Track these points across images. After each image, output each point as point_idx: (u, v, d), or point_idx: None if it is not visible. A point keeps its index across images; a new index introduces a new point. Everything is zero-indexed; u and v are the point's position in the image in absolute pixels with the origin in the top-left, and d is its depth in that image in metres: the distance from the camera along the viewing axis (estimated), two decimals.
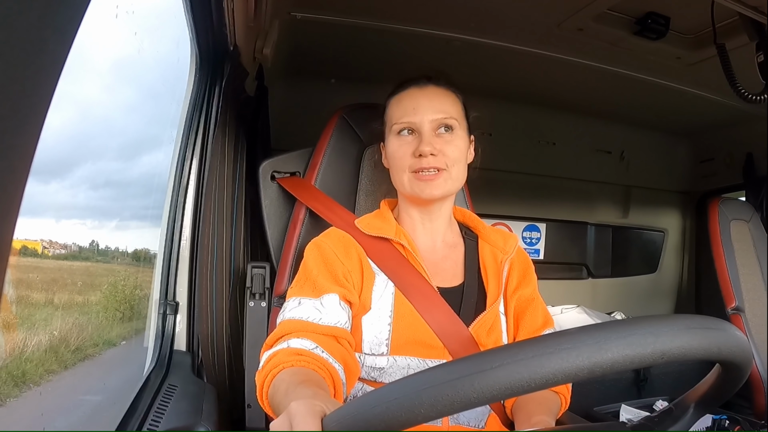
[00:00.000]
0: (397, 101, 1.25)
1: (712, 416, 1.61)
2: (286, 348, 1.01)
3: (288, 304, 1.12)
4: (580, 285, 2.98)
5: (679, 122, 2.76)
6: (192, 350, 1.41)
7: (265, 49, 1.59)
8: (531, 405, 1.10)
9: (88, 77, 1.10)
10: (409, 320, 1.14)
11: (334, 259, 1.16)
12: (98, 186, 1.36)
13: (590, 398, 2.09)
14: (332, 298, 1.10)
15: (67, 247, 1.27)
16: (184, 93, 1.46)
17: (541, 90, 2.38)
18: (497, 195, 2.59)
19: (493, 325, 1.19)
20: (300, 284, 1.15)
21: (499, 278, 1.23)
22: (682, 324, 0.55)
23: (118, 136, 1.41)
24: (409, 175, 1.19)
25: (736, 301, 2.23)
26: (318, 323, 1.06)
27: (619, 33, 1.72)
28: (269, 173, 1.55)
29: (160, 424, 1.04)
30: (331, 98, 1.76)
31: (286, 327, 1.07)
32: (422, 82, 1.24)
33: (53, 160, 1.08)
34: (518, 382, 0.51)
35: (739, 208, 2.42)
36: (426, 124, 1.18)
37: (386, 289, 1.17)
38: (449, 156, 1.17)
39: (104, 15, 0.99)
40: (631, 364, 0.53)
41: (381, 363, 1.13)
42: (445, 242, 1.27)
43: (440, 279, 1.21)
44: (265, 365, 0.99)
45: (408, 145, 1.19)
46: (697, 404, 0.71)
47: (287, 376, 0.93)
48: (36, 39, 0.36)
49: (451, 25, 1.78)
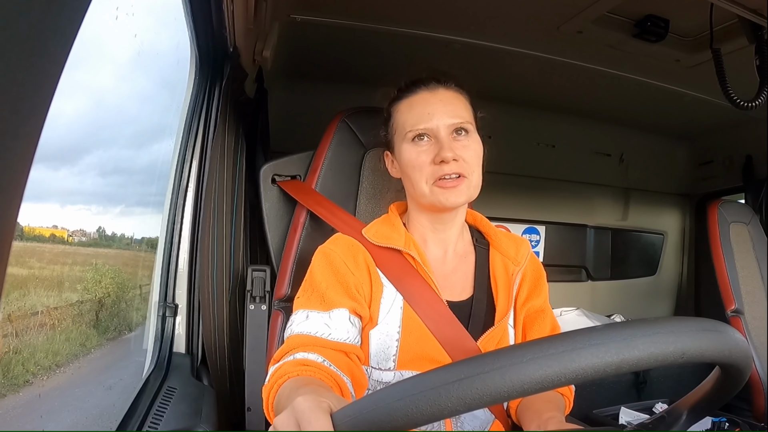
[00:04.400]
0: (407, 106, 1.19)
1: (711, 419, 1.61)
2: (291, 360, 1.00)
3: (295, 318, 1.10)
4: (579, 287, 2.97)
5: (678, 125, 2.75)
6: (191, 352, 1.41)
7: (264, 52, 1.60)
8: (540, 403, 1.08)
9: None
10: (417, 335, 1.12)
11: (345, 271, 1.13)
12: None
13: (589, 401, 2.09)
14: (342, 313, 1.08)
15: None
16: (183, 94, 1.47)
17: (541, 92, 2.38)
18: (496, 197, 2.59)
19: (501, 339, 1.17)
20: (307, 295, 1.12)
21: (509, 291, 1.20)
22: (698, 326, 0.56)
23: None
24: (431, 186, 1.13)
25: (735, 303, 2.23)
26: (327, 338, 1.04)
27: (619, 36, 1.72)
28: (270, 176, 1.55)
29: (159, 426, 1.04)
30: (331, 101, 1.76)
31: (294, 342, 1.04)
32: (432, 85, 1.19)
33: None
34: (549, 376, 0.51)
35: (739, 210, 2.43)
36: (442, 129, 1.13)
37: (395, 303, 1.14)
38: (468, 162, 1.12)
39: (104, 17, 0.99)
40: (654, 362, 0.53)
41: (387, 377, 1.11)
42: (456, 252, 1.24)
43: (449, 292, 1.18)
44: (271, 378, 0.97)
45: (426, 153, 1.13)
46: (696, 407, 0.71)
47: (291, 384, 0.92)
48: (36, 40, 0.36)
49: (451, 27, 1.78)
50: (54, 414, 1.14)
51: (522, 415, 1.11)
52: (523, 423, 1.09)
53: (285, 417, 0.62)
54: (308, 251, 1.44)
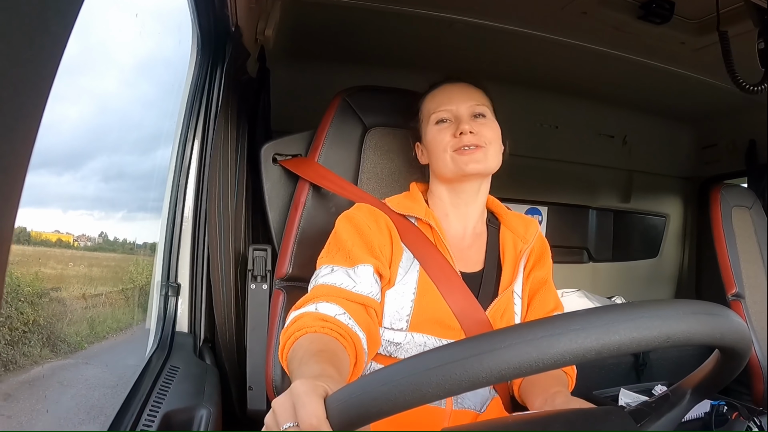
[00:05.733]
0: (431, 97, 1.31)
1: (710, 402, 1.62)
2: (313, 312, 1.03)
3: (321, 271, 1.14)
4: (580, 269, 2.98)
5: (682, 108, 2.74)
6: (194, 332, 1.42)
7: (267, 31, 1.58)
8: (546, 380, 1.11)
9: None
10: (430, 299, 1.17)
11: (369, 231, 1.19)
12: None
13: (590, 382, 2.10)
14: (367, 269, 1.13)
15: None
16: (185, 75, 1.46)
17: (544, 73, 2.36)
18: (499, 178, 2.53)
19: (506, 309, 1.23)
20: (332, 253, 1.17)
21: (515, 266, 1.27)
22: (688, 309, 0.56)
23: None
24: (451, 154, 1.22)
25: (736, 287, 2.23)
26: (351, 290, 1.09)
27: (623, 17, 1.71)
28: (271, 155, 1.55)
29: (162, 405, 1.06)
30: (333, 80, 1.75)
31: (318, 291, 1.09)
32: (454, 80, 1.32)
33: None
34: (527, 362, 0.52)
35: (741, 194, 2.42)
36: (463, 109, 1.25)
37: (412, 267, 1.20)
38: (486, 135, 1.23)
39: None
40: (637, 347, 0.54)
41: (399, 338, 1.16)
42: (474, 231, 1.31)
43: (463, 264, 1.24)
44: (290, 326, 1.01)
45: (447, 130, 1.24)
46: (696, 390, 0.71)
47: (306, 343, 0.95)
48: (37, 21, 0.36)
49: (454, 7, 1.77)
50: (127, 350, 1.55)
51: (527, 391, 1.15)
52: (527, 399, 1.13)
53: (283, 399, 0.67)
54: (309, 230, 1.44)
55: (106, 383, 1.38)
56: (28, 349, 1.19)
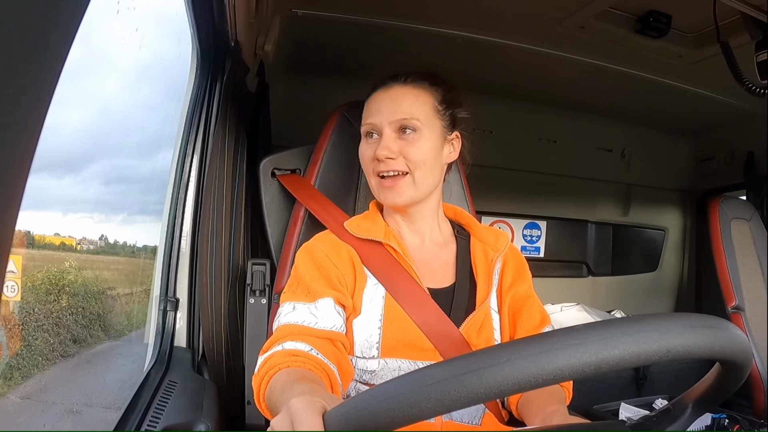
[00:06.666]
0: (366, 104, 1.23)
1: (711, 415, 1.61)
2: (281, 350, 1.01)
3: (282, 309, 1.12)
4: (580, 283, 2.97)
5: (680, 121, 2.75)
6: (192, 347, 1.41)
7: (266, 46, 1.60)
8: (543, 396, 1.09)
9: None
10: (399, 323, 1.14)
11: (327, 263, 1.16)
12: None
13: (590, 396, 2.09)
14: (327, 302, 1.10)
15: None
16: (185, 89, 1.47)
17: (543, 87, 2.37)
18: (498, 192, 2.59)
19: (483, 324, 1.18)
20: (293, 289, 1.15)
21: (489, 276, 1.22)
22: (687, 322, 0.55)
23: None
24: (375, 179, 1.18)
25: (736, 300, 2.23)
26: (313, 327, 1.06)
27: (621, 31, 1.72)
28: (270, 170, 1.55)
29: (160, 421, 1.05)
30: (332, 95, 1.76)
31: (282, 332, 1.06)
32: (387, 83, 1.22)
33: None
34: (526, 378, 0.51)
35: (740, 207, 2.42)
36: (386, 126, 1.16)
37: (376, 293, 1.17)
38: (411, 158, 1.15)
39: (105, 11, 0.99)
40: (637, 361, 0.53)
41: (372, 366, 1.13)
42: (433, 241, 1.27)
43: (431, 280, 1.20)
44: (261, 368, 0.99)
45: (371, 148, 1.18)
46: (697, 403, 0.71)
47: (283, 376, 0.93)
48: (37, 35, 0.36)
49: (453, 22, 1.78)
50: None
51: (524, 409, 1.12)
52: (525, 417, 1.10)
53: (281, 418, 0.65)
54: None
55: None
56: (94, 332, 1.66)
